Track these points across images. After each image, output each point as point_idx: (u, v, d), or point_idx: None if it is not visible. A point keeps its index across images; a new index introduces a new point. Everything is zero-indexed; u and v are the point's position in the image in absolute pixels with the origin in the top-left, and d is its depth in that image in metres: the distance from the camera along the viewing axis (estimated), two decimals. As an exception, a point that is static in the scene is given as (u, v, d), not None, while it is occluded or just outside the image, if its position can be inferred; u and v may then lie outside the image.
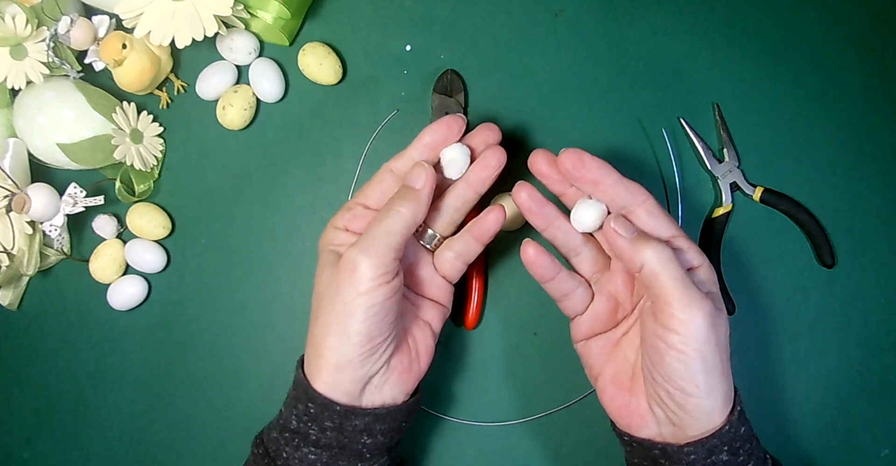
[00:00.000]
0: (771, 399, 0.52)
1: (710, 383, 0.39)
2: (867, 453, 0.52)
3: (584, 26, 0.55)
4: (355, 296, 0.40)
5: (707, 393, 0.39)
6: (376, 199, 0.45)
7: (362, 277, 0.40)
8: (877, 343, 0.53)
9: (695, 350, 0.38)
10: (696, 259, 0.42)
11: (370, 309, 0.40)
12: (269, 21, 0.54)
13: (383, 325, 0.41)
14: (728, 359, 0.41)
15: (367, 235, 0.41)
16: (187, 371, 0.55)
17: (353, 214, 0.45)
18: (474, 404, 0.53)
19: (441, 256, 0.47)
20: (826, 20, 0.55)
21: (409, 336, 0.45)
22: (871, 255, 0.53)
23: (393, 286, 0.41)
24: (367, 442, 0.42)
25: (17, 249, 0.53)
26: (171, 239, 0.56)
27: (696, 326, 0.38)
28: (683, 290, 0.38)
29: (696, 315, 0.38)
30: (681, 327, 0.38)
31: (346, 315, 0.40)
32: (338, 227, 0.45)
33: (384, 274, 0.40)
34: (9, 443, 0.56)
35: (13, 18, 0.50)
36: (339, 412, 0.41)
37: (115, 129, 0.53)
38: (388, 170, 0.45)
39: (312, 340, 0.42)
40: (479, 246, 0.46)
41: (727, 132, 0.54)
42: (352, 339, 0.40)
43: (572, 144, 0.54)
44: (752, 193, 0.53)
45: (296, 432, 0.42)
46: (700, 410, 0.39)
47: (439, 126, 0.45)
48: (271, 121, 0.57)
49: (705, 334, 0.38)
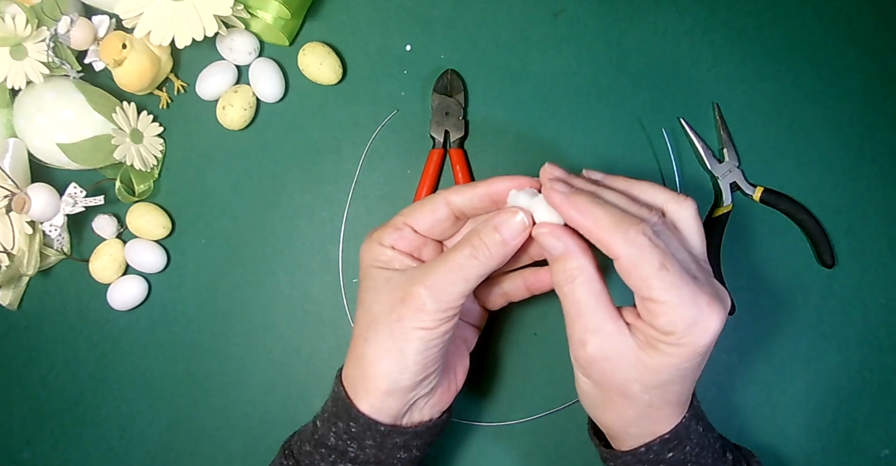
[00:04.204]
0: (771, 399, 0.52)
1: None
2: (867, 453, 0.52)
3: (584, 26, 0.55)
4: (417, 330, 0.39)
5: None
6: (425, 226, 0.42)
7: (429, 315, 0.39)
8: (877, 343, 0.53)
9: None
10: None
11: (430, 342, 0.39)
12: (269, 21, 0.54)
13: (438, 356, 0.40)
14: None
15: (441, 275, 0.39)
16: (187, 371, 0.55)
17: (401, 235, 0.42)
18: (474, 404, 0.53)
19: (487, 289, 0.46)
20: (826, 20, 0.55)
21: (450, 357, 0.45)
22: (871, 255, 0.53)
23: (454, 322, 0.40)
24: (402, 457, 0.42)
25: (17, 249, 0.53)
26: (171, 239, 0.56)
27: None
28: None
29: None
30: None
31: (404, 344, 0.39)
32: (384, 245, 0.42)
33: (450, 316, 0.39)
34: (9, 443, 0.56)
35: (13, 18, 0.50)
36: (383, 432, 0.41)
37: (115, 129, 0.53)
38: (444, 202, 0.42)
39: (361, 361, 0.41)
40: (528, 294, 0.46)
41: (727, 132, 0.54)
42: (409, 369, 0.39)
43: (572, 144, 0.55)
44: (752, 193, 0.53)
45: (333, 448, 0.42)
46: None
47: (516, 178, 0.41)
48: (271, 121, 0.57)
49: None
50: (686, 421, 0.40)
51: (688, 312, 0.36)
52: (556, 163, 0.41)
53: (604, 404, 0.40)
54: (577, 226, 0.38)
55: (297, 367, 0.55)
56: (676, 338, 0.36)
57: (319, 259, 0.55)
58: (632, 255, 0.36)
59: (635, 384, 0.38)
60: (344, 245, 0.55)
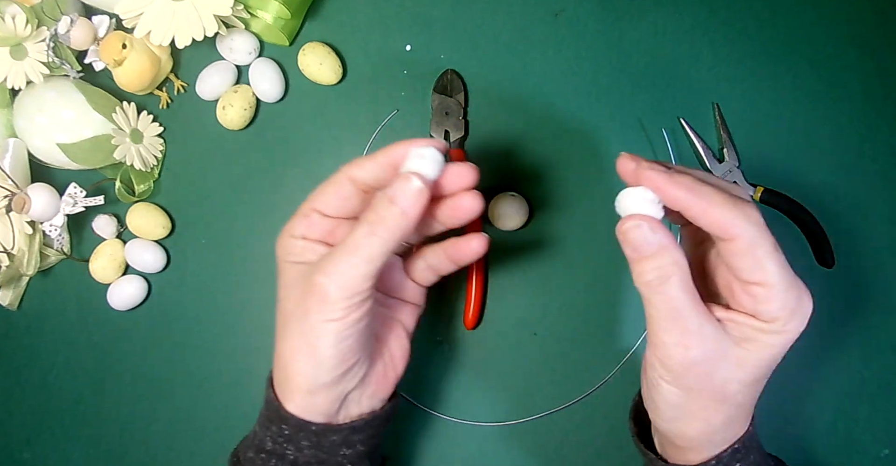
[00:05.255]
0: (771, 399, 0.52)
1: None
2: (867, 453, 0.52)
3: (584, 26, 0.55)
4: (325, 323, 0.36)
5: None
6: (334, 208, 0.40)
7: (334, 305, 0.36)
8: (877, 343, 0.53)
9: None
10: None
11: (341, 333, 0.36)
12: (269, 21, 0.54)
13: (356, 346, 0.38)
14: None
15: (340, 260, 0.36)
16: (187, 371, 0.55)
17: (309, 222, 0.40)
18: (474, 404, 0.53)
19: (412, 264, 0.43)
20: (826, 20, 0.55)
21: (383, 342, 0.42)
22: (871, 255, 0.53)
23: (366, 307, 0.37)
24: (346, 453, 0.40)
25: (17, 249, 0.53)
26: (171, 239, 0.56)
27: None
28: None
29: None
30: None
31: (315, 339, 0.37)
32: (295, 236, 0.40)
33: (358, 302, 0.36)
34: (9, 443, 0.56)
35: (13, 18, 0.50)
36: (316, 431, 0.39)
37: (115, 129, 0.53)
38: (347, 178, 0.39)
39: (280, 362, 0.39)
40: (454, 266, 0.42)
41: (727, 132, 0.54)
42: (323, 365, 0.37)
43: (572, 144, 0.55)
44: (752, 193, 0.53)
45: (272, 453, 0.40)
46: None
47: (414, 141, 0.38)
48: (271, 121, 0.57)
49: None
50: (752, 430, 0.39)
51: (792, 296, 0.35)
52: (556, 163, 0.41)
53: (692, 413, 0.37)
54: (688, 207, 0.34)
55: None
56: (780, 325, 0.35)
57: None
58: (752, 234, 0.34)
59: (734, 384, 0.36)
60: (344, 245, 0.55)
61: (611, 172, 0.54)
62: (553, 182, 0.54)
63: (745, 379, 0.36)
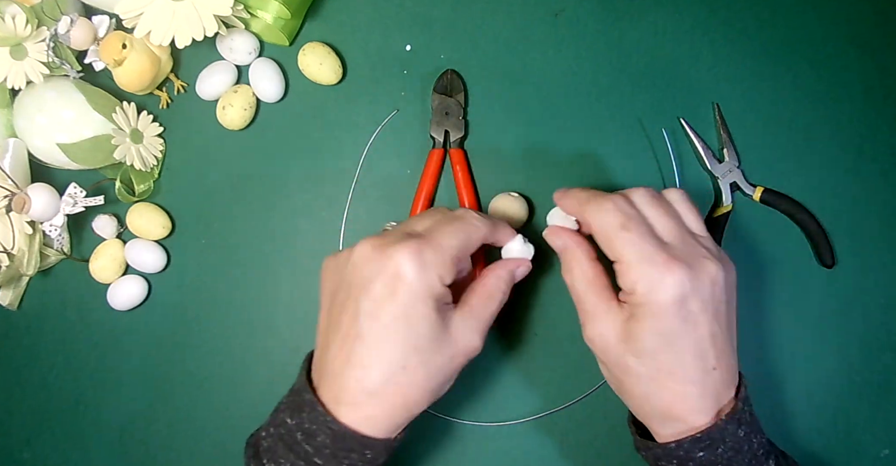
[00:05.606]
0: (771, 399, 0.52)
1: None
2: (867, 453, 0.52)
3: (584, 26, 0.55)
4: (453, 377, 0.42)
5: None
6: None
7: (465, 358, 0.42)
8: (877, 343, 0.53)
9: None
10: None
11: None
12: (269, 21, 0.54)
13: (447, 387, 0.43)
14: None
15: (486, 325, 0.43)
16: (187, 371, 0.55)
17: (456, 270, 0.42)
18: (475, 404, 0.53)
19: None
20: (826, 20, 0.55)
21: None
22: (871, 255, 0.53)
23: None
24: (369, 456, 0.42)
25: (17, 249, 0.53)
26: (171, 239, 0.56)
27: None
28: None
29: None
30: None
31: (440, 382, 0.41)
32: (446, 283, 0.40)
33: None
34: (9, 443, 0.56)
35: (13, 18, 0.50)
36: (368, 444, 0.41)
37: (115, 129, 0.53)
38: (484, 239, 0.44)
39: (368, 374, 0.39)
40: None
41: (727, 132, 0.54)
42: (428, 401, 0.41)
43: (572, 144, 0.55)
44: (752, 193, 0.53)
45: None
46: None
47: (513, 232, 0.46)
48: (271, 121, 0.57)
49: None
50: (722, 424, 0.40)
51: (645, 269, 0.38)
52: (556, 163, 0.41)
53: (619, 388, 0.43)
54: (566, 207, 0.44)
55: (297, 367, 0.54)
56: (639, 297, 0.39)
57: (319, 259, 0.55)
58: (601, 220, 0.40)
59: (629, 357, 0.40)
60: (344, 245, 0.55)
61: (611, 172, 0.54)
62: (553, 182, 0.54)
63: (635, 350, 0.40)
